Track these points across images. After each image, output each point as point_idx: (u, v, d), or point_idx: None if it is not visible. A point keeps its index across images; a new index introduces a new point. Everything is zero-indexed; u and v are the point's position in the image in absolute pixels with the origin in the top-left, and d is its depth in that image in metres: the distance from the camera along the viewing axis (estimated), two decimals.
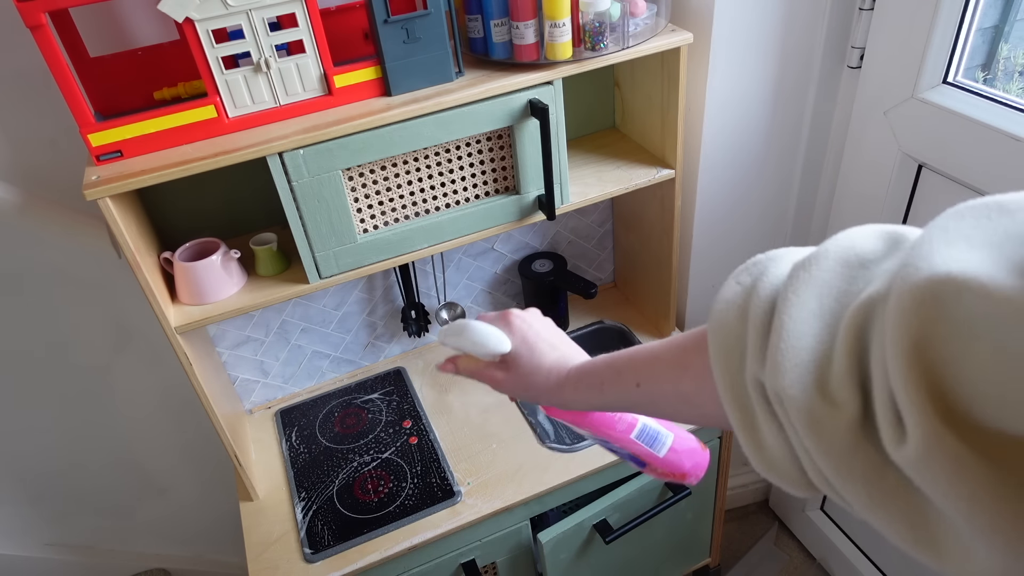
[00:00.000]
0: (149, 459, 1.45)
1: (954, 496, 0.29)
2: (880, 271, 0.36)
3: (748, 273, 0.43)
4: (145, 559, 1.59)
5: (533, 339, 0.72)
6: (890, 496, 0.33)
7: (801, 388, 0.36)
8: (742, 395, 0.41)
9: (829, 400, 0.35)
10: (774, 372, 0.37)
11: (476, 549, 1.16)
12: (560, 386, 0.68)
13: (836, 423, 0.34)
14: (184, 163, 0.85)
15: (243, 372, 1.32)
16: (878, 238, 0.38)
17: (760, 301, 0.40)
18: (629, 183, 1.16)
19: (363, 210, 1.00)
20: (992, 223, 0.31)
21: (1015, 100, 0.99)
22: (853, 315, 0.34)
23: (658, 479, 0.71)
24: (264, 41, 0.87)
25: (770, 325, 0.38)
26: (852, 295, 0.36)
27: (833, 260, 0.37)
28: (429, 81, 0.96)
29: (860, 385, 0.34)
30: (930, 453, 0.29)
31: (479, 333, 0.73)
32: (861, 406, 0.34)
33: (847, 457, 0.35)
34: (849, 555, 1.62)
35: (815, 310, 0.37)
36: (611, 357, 0.63)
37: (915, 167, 1.13)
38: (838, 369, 0.35)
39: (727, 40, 1.12)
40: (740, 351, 0.41)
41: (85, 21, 0.94)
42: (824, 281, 0.37)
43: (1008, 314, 0.27)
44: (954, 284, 0.29)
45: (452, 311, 1.40)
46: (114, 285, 1.19)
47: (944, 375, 0.30)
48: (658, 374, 0.57)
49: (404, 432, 1.28)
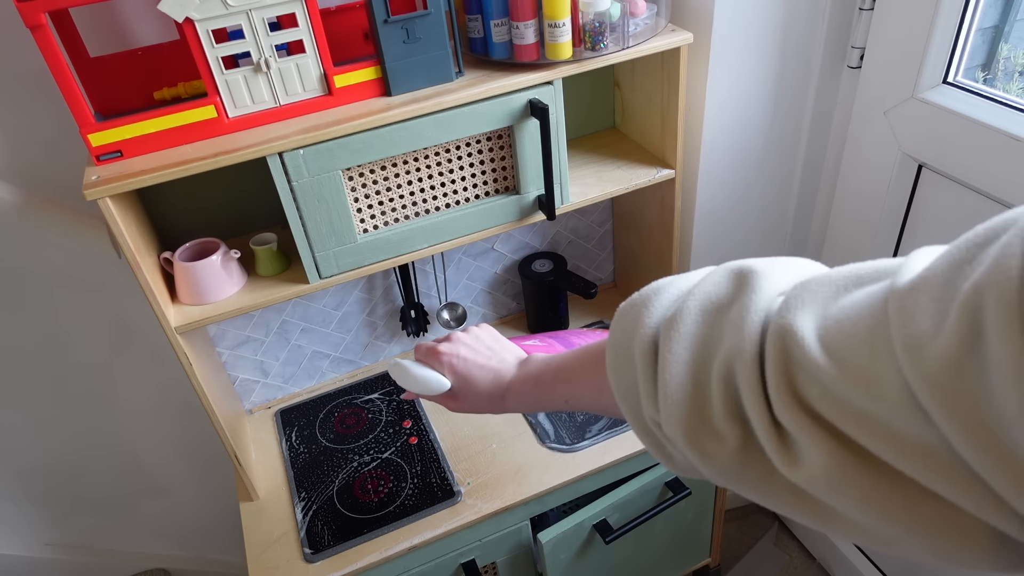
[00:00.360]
0: (149, 459, 1.45)
1: (850, 501, 0.35)
2: (729, 319, 0.41)
3: (629, 318, 0.48)
4: (145, 559, 1.59)
5: (463, 370, 0.77)
6: (779, 494, 0.40)
7: (686, 429, 0.42)
8: (645, 426, 0.47)
9: (713, 435, 0.41)
10: (667, 420, 0.43)
11: (476, 549, 1.16)
12: (503, 403, 0.75)
13: (722, 452, 0.41)
14: (184, 163, 0.85)
15: (243, 372, 1.32)
16: (728, 281, 0.43)
17: (642, 351, 0.45)
18: (629, 183, 1.16)
19: (363, 210, 1.00)
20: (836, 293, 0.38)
21: (1015, 100, 0.99)
22: (719, 369, 0.40)
23: None
24: (264, 41, 0.87)
25: (655, 376, 0.44)
26: (715, 340, 0.42)
27: (695, 313, 0.43)
28: (429, 81, 0.96)
29: (738, 420, 0.40)
30: (828, 471, 0.35)
31: (418, 379, 0.78)
32: (742, 435, 0.40)
33: (736, 475, 0.41)
34: (849, 555, 1.62)
35: (688, 360, 0.42)
36: (538, 374, 0.70)
37: (915, 167, 1.13)
38: (717, 411, 0.41)
39: (727, 40, 1.12)
40: (636, 395, 0.46)
41: (85, 21, 0.94)
42: (691, 334, 0.43)
43: (810, 369, 0.35)
44: (794, 338, 0.36)
45: (452, 311, 1.40)
46: (114, 285, 1.19)
47: (813, 404, 0.36)
48: (580, 394, 0.63)
49: (404, 432, 1.28)
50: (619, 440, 1.20)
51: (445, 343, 0.81)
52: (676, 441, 0.44)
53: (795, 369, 0.36)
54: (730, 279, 0.43)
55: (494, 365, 0.76)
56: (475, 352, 0.78)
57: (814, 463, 0.36)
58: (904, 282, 0.33)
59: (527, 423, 1.26)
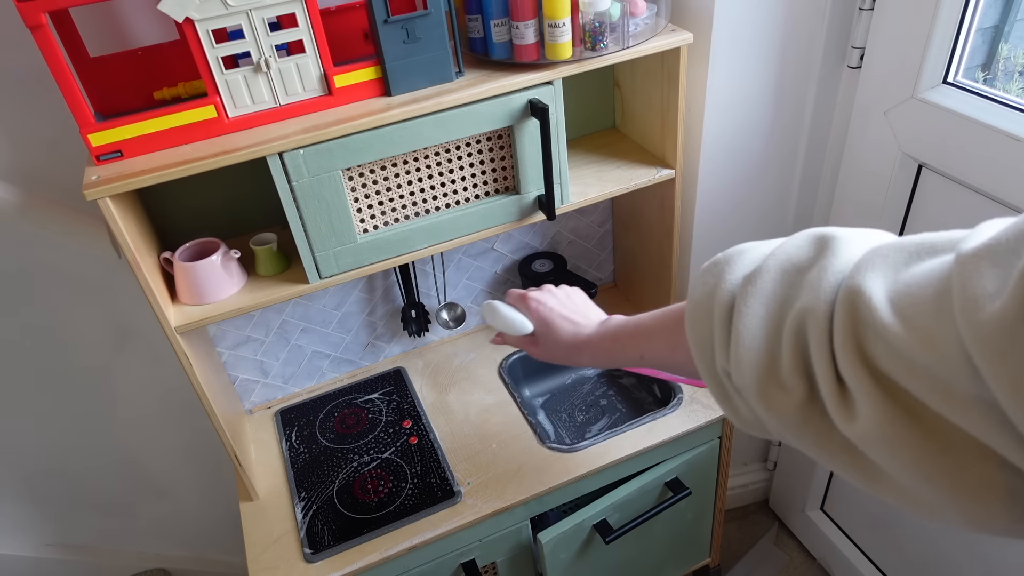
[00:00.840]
0: (149, 459, 1.45)
1: (897, 460, 0.38)
2: (808, 280, 0.44)
3: (711, 274, 0.51)
4: (145, 559, 1.59)
5: (547, 316, 0.84)
6: (837, 452, 0.43)
7: (756, 380, 0.45)
8: (716, 377, 0.50)
9: (781, 387, 0.44)
10: (736, 369, 0.47)
11: (476, 549, 1.16)
12: (579, 354, 0.81)
13: (788, 404, 0.44)
14: (184, 163, 0.85)
15: (243, 372, 1.32)
16: (809, 245, 0.46)
17: (720, 306, 0.48)
18: (629, 183, 1.16)
19: (363, 210, 1.00)
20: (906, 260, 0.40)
21: (1015, 100, 0.99)
22: (791, 324, 0.43)
23: None
24: (264, 41, 0.87)
25: (730, 328, 0.47)
26: (792, 298, 0.44)
27: (774, 272, 0.46)
28: (429, 81, 0.96)
29: (805, 374, 0.43)
30: (879, 427, 0.38)
31: (504, 318, 0.87)
32: (807, 390, 0.43)
33: (799, 428, 0.44)
34: (849, 555, 1.62)
35: (763, 315, 0.45)
36: (616, 330, 0.75)
37: (915, 167, 1.13)
38: (786, 363, 0.44)
39: (727, 40, 1.12)
40: (711, 345, 0.50)
41: (85, 21, 0.94)
42: (769, 291, 0.46)
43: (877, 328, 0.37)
44: (863, 299, 0.38)
45: (452, 311, 1.40)
46: (114, 285, 1.19)
47: (878, 363, 0.38)
48: (655, 350, 0.68)
49: (404, 432, 1.28)
50: (619, 440, 1.20)
51: (536, 291, 0.88)
52: (744, 391, 0.47)
53: (863, 328, 0.38)
54: (812, 243, 0.46)
55: (577, 319, 0.82)
56: (561, 304, 0.85)
57: (868, 419, 0.38)
58: (969, 248, 0.34)
59: (527, 423, 1.26)
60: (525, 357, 1.41)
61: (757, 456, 1.84)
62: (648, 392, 1.37)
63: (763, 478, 1.85)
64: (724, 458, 1.33)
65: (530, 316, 0.86)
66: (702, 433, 1.25)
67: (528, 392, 1.42)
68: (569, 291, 0.88)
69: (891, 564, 1.54)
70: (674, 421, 1.22)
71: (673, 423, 1.22)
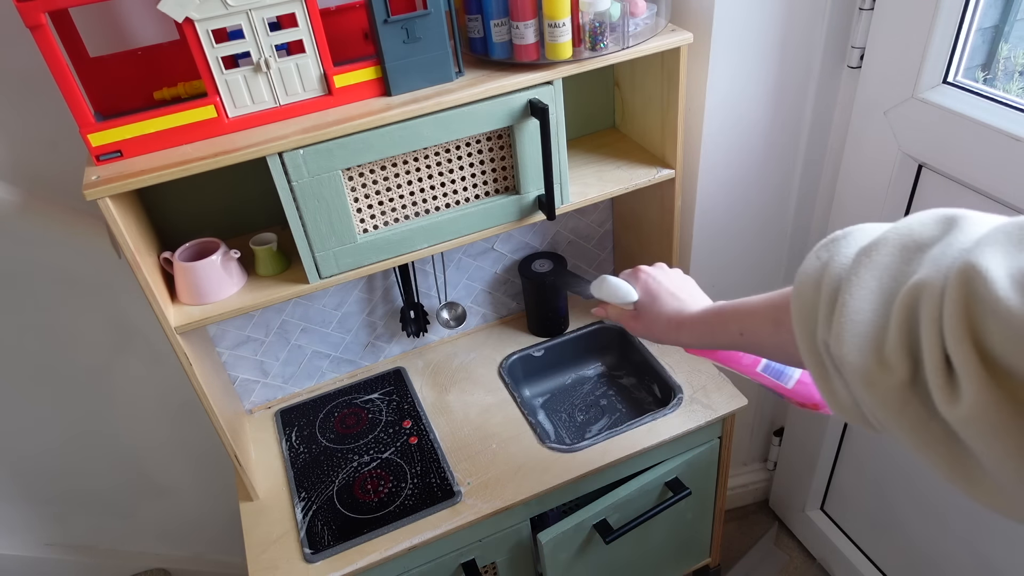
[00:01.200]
0: (149, 459, 1.45)
1: (999, 448, 0.36)
2: (930, 256, 0.42)
3: (826, 249, 0.50)
4: (145, 559, 1.59)
5: (655, 289, 0.85)
6: (932, 442, 0.41)
7: (858, 354, 0.43)
8: (817, 352, 0.49)
9: (883, 364, 0.42)
10: (837, 341, 0.45)
11: (476, 549, 1.17)
12: (677, 330, 0.81)
13: (888, 383, 0.42)
14: (184, 163, 0.85)
15: (243, 372, 1.32)
16: (936, 223, 0.45)
17: (831, 278, 0.47)
18: (629, 183, 1.16)
19: (363, 210, 1.00)
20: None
21: (1015, 100, 0.99)
22: (905, 296, 0.41)
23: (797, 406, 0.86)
24: (264, 41, 0.87)
25: (836, 300, 0.46)
26: (908, 274, 0.43)
27: (892, 246, 0.45)
28: (429, 81, 0.96)
29: (910, 354, 0.41)
30: (984, 411, 0.36)
31: (611, 286, 0.89)
32: (911, 371, 0.41)
33: (897, 410, 0.42)
34: (849, 555, 1.62)
35: (875, 288, 0.44)
36: (720, 308, 0.75)
37: (915, 167, 1.13)
38: (892, 339, 0.41)
39: (727, 40, 1.12)
40: (814, 318, 0.48)
41: (85, 21, 0.94)
42: (884, 265, 0.44)
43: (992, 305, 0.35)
44: (979, 274, 0.36)
45: (452, 311, 1.40)
46: (114, 285, 1.19)
47: (990, 345, 0.36)
48: (757, 327, 0.67)
49: (404, 432, 1.28)
50: (619, 440, 1.20)
51: (648, 267, 0.90)
52: (844, 364, 0.45)
53: (976, 304, 0.37)
54: (939, 222, 0.45)
55: (683, 296, 0.83)
56: (671, 280, 0.86)
57: (972, 401, 0.37)
58: None
59: (527, 423, 1.26)
60: (525, 357, 1.41)
61: (757, 456, 1.84)
62: (648, 392, 1.37)
63: (763, 478, 1.86)
64: (724, 458, 1.33)
65: (637, 287, 0.87)
66: (702, 433, 1.25)
67: (528, 392, 1.42)
68: (681, 273, 0.89)
69: (891, 564, 1.54)
70: (674, 421, 1.22)
71: (673, 423, 1.22)
